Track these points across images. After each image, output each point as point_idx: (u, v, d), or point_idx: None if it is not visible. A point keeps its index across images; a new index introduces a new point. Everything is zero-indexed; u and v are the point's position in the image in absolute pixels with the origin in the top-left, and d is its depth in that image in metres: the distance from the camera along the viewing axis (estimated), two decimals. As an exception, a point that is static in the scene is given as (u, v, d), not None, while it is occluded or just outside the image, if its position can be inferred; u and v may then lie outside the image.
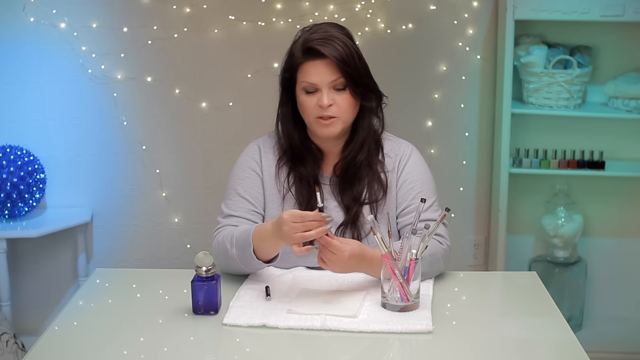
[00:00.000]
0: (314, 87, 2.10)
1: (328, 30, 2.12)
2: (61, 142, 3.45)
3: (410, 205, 2.18)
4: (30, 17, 3.34)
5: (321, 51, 2.08)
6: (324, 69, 2.09)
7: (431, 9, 3.40)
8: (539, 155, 3.42)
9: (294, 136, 2.19)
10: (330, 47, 2.08)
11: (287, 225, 1.92)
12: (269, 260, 2.10)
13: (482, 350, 1.79)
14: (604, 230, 3.58)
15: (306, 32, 2.14)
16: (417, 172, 2.22)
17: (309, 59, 2.10)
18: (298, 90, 2.14)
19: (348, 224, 2.17)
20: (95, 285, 2.18)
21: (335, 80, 2.09)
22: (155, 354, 1.78)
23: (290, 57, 2.14)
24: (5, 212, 3.28)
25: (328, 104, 2.09)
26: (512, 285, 2.28)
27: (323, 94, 2.09)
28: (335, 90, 2.11)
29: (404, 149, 2.25)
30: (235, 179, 2.24)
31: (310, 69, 2.10)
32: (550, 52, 3.31)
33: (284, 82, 2.17)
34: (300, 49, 2.11)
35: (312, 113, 2.12)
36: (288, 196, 2.21)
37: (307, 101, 2.12)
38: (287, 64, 2.15)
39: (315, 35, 2.11)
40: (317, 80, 2.09)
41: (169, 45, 3.39)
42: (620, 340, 3.44)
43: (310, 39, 2.10)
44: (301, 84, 2.12)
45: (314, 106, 2.11)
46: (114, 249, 3.57)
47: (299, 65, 2.11)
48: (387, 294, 1.92)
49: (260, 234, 2.04)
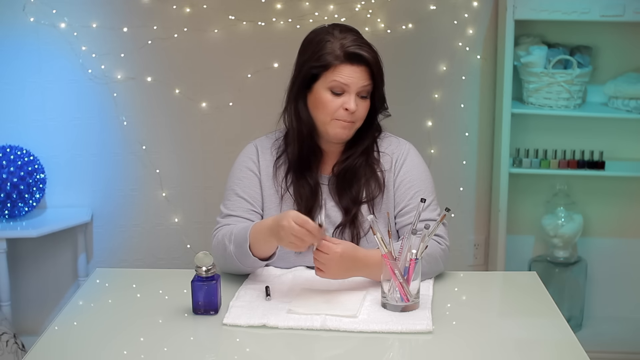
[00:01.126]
0: (343, 89, 2.11)
1: (360, 37, 2.15)
2: (61, 142, 3.45)
3: (409, 205, 2.18)
4: (30, 17, 3.34)
5: (364, 55, 2.10)
6: (359, 74, 2.11)
7: (431, 9, 3.40)
8: (539, 155, 3.42)
9: (304, 132, 2.19)
10: (369, 53, 2.12)
11: (286, 221, 1.92)
12: (267, 259, 2.10)
13: (482, 350, 1.79)
14: (604, 230, 3.58)
15: (336, 32, 2.13)
16: (415, 171, 2.22)
17: (346, 62, 2.10)
18: (321, 89, 2.13)
19: (346, 224, 2.17)
20: (95, 285, 2.18)
21: (366, 86, 2.12)
22: (155, 354, 1.78)
23: (323, 55, 2.11)
24: (5, 212, 3.29)
25: (354, 109, 2.11)
26: (512, 285, 2.29)
27: (351, 98, 2.11)
28: (359, 97, 2.13)
29: (401, 147, 2.25)
30: (233, 179, 2.24)
31: (346, 72, 2.10)
32: (550, 52, 3.31)
33: (307, 77, 2.15)
34: (338, 51, 2.10)
35: (333, 114, 2.12)
36: (286, 196, 2.21)
37: (332, 101, 2.12)
38: (317, 61, 2.12)
39: (351, 40, 2.11)
40: (350, 82, 2.10)
41: (169, 45, 3.39)
42: (620, 340, 3.44)
43: (350, 43, 2.11)
44: (330, 82, 2.11)
45: (337, 107, 2.12)
46: (114, 249, 3.57)
47: (334, 66, 2.10)
48: (387, 294, 1.92)
49: (258, 230, 2.04)
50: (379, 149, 2.24)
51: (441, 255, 2.13)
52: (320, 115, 2.15)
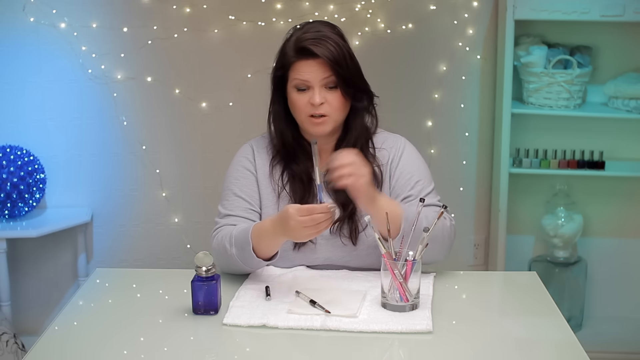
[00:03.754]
0: (306, 85, 2.11)
1: (320, 30, 2.13)
2: (61, 142, 3.45)
3: (410, 195, 2.18)
4: (30, 17, 3.34)
5: (314, 51, 2.09)
6: (315, 68, 2.10)
7: (431, 9, 3.40)
8: (539, 155, 3.42)
9: (287, 134, 2.21)
10: (322, 47, 2.09)
11: (294, 220, 1.93)
12: (269, 259, 2.10)
13: (482, 350, 1.79)
14: (604, 230, 3.58)
15: (298, 31, 2.15)
16: (413, 162, 2.23)
17: (301, 58, 2.11)
18: (289, 88, 2.15)
19: (345, 219, 2.17)
20: (95, 285, 2.18)
21: (327, 78, 2.11)
22: (155, 354, 1.78)
23: (282, 55, 2.15)
24: (5, 212, 3.29)
25: (320, 102, 2.10)
26: (512, 285, 2.28)
27: (315, 92, 2.10)
28: (326, 89, 2.12)
29: (397, 141, 2.26)
30: (230, 179, 2.25)
31: (302, 68, 2.11)
32: (550, 52, 3.31)
33: (276, 80, 2.18)
34: (292, 48, 2.12)
35: (303, 111, 2.13)
36: (283, 194, 2.21)
37: (299, 99, 2.12)
38: (279, 63, 2.16)
39: (307, 34, 2.11)
40: (309, 77, 2.10)
41: (169, 45, 3.39)
42: (620, 340, 3.44)
43: (302, 39, 2.11)
44: (293, 81, 2.13)
45: (306, 104, 2.12)
46: (114, 249, 3.57)
47: (292, 64, 2.12)
48: (387, 294, 1.92)
49: (259, 232, 2.04)
50: (374, 145, 2.24)
51: (449, 227, 2.12)
52: (296, 115, 2.17)
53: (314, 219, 1.92)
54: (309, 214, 1.92)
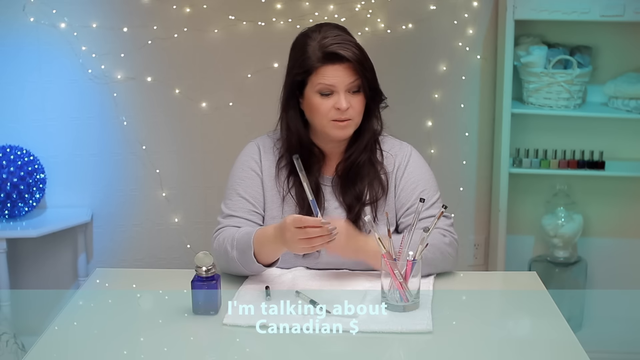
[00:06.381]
0: (330, 90, 2.11)
1: (340, 34, 2.13)
2: (61, 142, 3.45)
3: (415, 204, 2.17)
4: (30, 17, 3.34)
5: (342, 54, 2.08)
6: (341, 72, 2.09)
7: (431, 9, 3.40)
8: (539, 155, 3.42)
9: (305, 139, 2.19)
10: (349, 50, 2.09)
11: (289, 231, 1.93)
12: (270, 264, 2.10)
13: (482, 350, 1.79)
14: (604, 230, 3.58)
15: (316, 34, 2.13)
16: (419, 172, 2.23)
17: (327, 63, 2.09)
18: (311, 93, 2.13)
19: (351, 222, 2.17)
20: (95, 285, 2.18)
21: (353, 82, 2.11)
22: (155, 354, 1.78)
23: (304, 60, 2.12)
24: (5, 212, 3.28)
25: (347, 107, 2.10)
26: (512, 285, 2.28)
27: (341, 97, 2.10)
28: (350, 93, 2.12)
29: (404, 149, 2.26)
30: (235, 178, 2.24)
31: (328, 72, 2.09)
32: (550, 52, 3.31)
33: (294, 85, 2.15)
34: (318, 53, 2.10)
35: (327, 116, 2.12)
36: (288, 197, 2.21)
37: (323, 104, 2.11)
38: (300, 67, 2.13)
39: (330, 39, 2.10)
40: (335, 82, 2.09)
41: (169, 45, 3.39)
42: (620, 340, 3.44)
43: (328, 43, 2.10)
44: (317, 86, 2.11)
45: (330, 109, 2.11)
46: (114, 249, 3.57)
47: (316, 69, 2.10)
48: (387, 294, 1.92)
49: (262, 238, 2.04)
50: (382, 149, 2.24)
51: (447, 245, 2.13)
52: (316, 119, 2.14)
53: (307, 232, 1.92)
54: (302, 225, 1.92)
